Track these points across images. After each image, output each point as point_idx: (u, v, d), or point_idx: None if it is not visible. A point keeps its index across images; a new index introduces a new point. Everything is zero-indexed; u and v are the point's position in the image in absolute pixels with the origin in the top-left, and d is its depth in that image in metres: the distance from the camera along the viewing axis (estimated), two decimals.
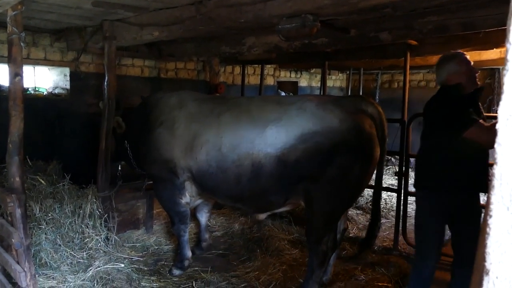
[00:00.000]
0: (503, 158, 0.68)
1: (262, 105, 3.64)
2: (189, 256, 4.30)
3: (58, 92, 5.67)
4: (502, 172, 0.68)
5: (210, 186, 3.77)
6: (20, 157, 3.04)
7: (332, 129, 3.26)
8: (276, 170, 3.37)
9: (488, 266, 0.70)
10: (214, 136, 3.61)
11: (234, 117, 3.61)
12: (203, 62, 7.17)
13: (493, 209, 0.69)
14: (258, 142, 3.39)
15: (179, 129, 3.86)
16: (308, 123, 3.31)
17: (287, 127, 3.35)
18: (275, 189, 3.47)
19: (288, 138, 3.32)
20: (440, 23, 3.53)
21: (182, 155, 3.81)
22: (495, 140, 0.59)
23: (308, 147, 3.27)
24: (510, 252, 0.68)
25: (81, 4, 3.67)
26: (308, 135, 3.28)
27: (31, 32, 5.09)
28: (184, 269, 4.21)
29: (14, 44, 2.94)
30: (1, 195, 2.91)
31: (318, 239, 3.47)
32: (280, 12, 2.94)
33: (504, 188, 0.68)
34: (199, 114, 3.83)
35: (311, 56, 6.01)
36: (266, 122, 3.42)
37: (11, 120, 2.99)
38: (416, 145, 4.93)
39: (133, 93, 6.14)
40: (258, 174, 3.42)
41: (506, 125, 0.67)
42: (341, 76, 10.31)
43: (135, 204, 5.06)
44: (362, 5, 2.64)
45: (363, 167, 3.36)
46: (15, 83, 2.97)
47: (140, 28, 4.10)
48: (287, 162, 3.33)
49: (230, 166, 3.51)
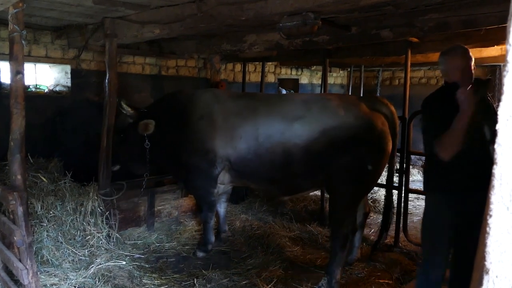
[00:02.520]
0: (503, 158, 0.68)
1: (290, 103, 4.21)
2: (212, 240, 4.71)
3: (59, 90, 5.67)
4: (502, 172, 0.69)
5: (248, 171, 4.25)
6: (22, 155, 3.04)
7: (348, 125, 3.81)
8: (303, 158, 3.91)
9: (488, 265, 0.71)
10: (252, 127, 4.11)
11: (267, 112, 4.12)
12: (204, 60, 7.17)
13: (493, 209, 0.70)
14: (288, 134, 3.95)
15: (219, 121, 4.26)
16: (329, 119, 3.87)
17: (311, 123, 3.91)
18: (303, 174, 4.02)
19: (312, 132, 3.88)
20: (441, 20, 3.53)
21: (222, 144, 4.23)
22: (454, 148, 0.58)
23: (328, 140, 3.82)
24: (510, 252, 0.68)
25: (82, 1, 3.67)
26: (328, 130, 3.83)
27: (32, 30, 5.09)
28: (208, 252, 4.63)
29: (15, 42, 2.94)
30: (3, 193, 2.92)
31: (340, 222, 3.90)
32: (282, 10, 2.93)
33: (504, 188, 0.68)
34: (236, 109, 4.28)
35: (312, 54, 6.01)
36: (293, 118, 3.98)
37: (12, 118, 2.99)
38: (417, 142, 4.98)
39: (134, 90, 6.16)
40: (288, 160, 3.95)
41: (506, 126, 0.68)
42: (342, 73, 10.30)
43: (136, 201, 5.07)
44: (363, 3, 2.64)
45: (376, 159, 3.87)
46: (16, 81, 2.97)
47: (141, 26, 4.10)
48: (311, 152, 3.88)
49: (265, 153, 4.05)
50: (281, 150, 3.97)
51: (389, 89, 9.57)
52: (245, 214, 5.88)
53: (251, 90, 7.44)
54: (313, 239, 5.15)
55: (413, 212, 6.36)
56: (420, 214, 6.42)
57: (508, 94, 0.67)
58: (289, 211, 6.04)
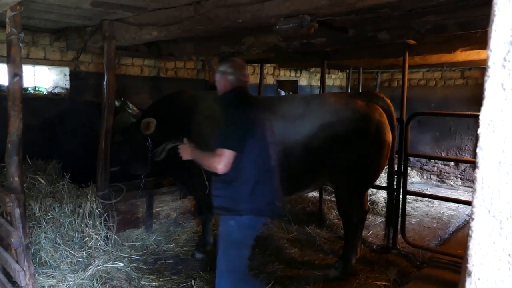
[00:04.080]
0: (484, 162, 0.69)
1: (290, 101, 4.44)
2: (211, 241, 4.74)
3: (57, 92, 5.68)
4: (483, 176, 0.70)
5: None
6: (19, 157, 3.05)
7: (346, 120, 3.94)
8: (302, 155, 4.02)
9: (471, 268, 0.72)
10: None
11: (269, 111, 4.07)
12: (203, 62, 7.17)
13: (475, 212, 0.71)
14: (289, 132, 4.04)
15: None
16: (326, 115, 4.00)
17: (309, 119, 4.04)
18: (302, 172, 4.11)
19: (311, 128, 4.00)
20: (438, 23, 3.54)
21: None
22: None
23: (328, 135, 3.93)
24: (491, 255, 0.69)
25: (80, 4, 3.68)
26: (327, 125, 3.95)
27: (31, 32, 5.10)
28: (206, 253, 4.62)
29: (13, 45, 2.95)
30: (0, 195, 2.93)
31: (348, 213, 4.15)
32: (278, 12, 2.94)
33: (485, 192, 0.69)
34: None
35: (310, 56, 6.02)
36: (292, 115, 4.10)
37: (10, 120, 3.00)
38: (415, 143, 4.95)
39: (133, 92, 6.16)
40: (288, 159, 3.97)
41: (487, 130, 0.69)
42: (341, 75, 10.31)
43: (134, 203, 5.07)
44: (359, 5, 2.65)
45: (377, 150, 3.99)
46: (14, 83, 2.98)
47: (139, 28, 4.11)
48: (311, 148, 3.99)
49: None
50: (283, 148, 3.95)
51: (388, 90, 9.55)
52: None
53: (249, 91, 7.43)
54: (311, 241, 5.15)
55: (411, 214, 6.37)
56: (418, 215, 6.45)
57: (489, 99, 0.68)
58: (288, 212, 6.05)
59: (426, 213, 6.57)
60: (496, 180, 0.68)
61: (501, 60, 0.66)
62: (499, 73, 0.67)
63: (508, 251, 0.68)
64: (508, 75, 0.66)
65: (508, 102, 0.66)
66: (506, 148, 0.66)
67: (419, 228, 5.85)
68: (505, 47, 0.66)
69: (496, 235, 0.69)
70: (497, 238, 0.68)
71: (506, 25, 0.66)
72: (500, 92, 0.67)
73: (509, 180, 0.67)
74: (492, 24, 0.68)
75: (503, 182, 0.67)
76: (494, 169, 0.68)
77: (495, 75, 0.67)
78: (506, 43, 0.66)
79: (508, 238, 0.67)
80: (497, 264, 0.69)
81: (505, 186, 0.67)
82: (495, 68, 0.67)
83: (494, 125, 0.68)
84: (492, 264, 0.69)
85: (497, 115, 0.67)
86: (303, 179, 4.26)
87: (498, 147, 0.67)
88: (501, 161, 0.67)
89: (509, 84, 0.66)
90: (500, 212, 0.68)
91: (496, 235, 0.69)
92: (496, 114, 0.67)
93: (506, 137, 0.66)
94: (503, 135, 0.67)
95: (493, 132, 0.68)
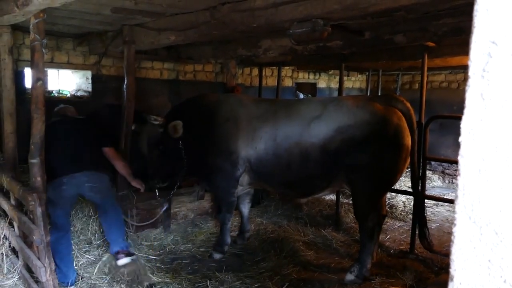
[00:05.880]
0: (465, 169, 0.71)
1: (308, 104, 4.40)
2: (228, 242, 4.79)
3: (80, 95, 5.86)
4: (464, 183, 0.71)
5: (265, 173, 4.38)
6: (41, 158, 3.17)
7: (363, 122, 3.90)
8: (320, 157, 4.03)
9: (453, 273, 0.73)
10: (271, 128, 4.27)
11: (287, 113, 4.28)
12: (221, 64, 7.26)
13: (457, 218, 0.73)
14: (305, 134, 4.07)
15: (243, 124, 4.42)
16: (344, 117, 3.98)
17: (327, 121, 4.02)
18: (319, 174, 4.12)
19: (328, 130, 3.99)
20: (456, 25, 3.50)
21: (244, 146, 4.37)
22: None
23: (345, 138, 3.93)
24: (472, 260, 0.71)
25: (101, 10, 3.80)
26: (344, 128, 3.94)
27: (55, 37, 5.29)
28: (224, 253, 4.69)
29: (36, 50, 3.08)
30: (23, 194, 3.06)
31: (364, 217, 4.11)
32: (291, 16, 2.98)
33: (466, 198, 0.71)
34: (259, 112, 4.46)
35: (328, 58, 6.01)
36: (309, 117, 4.11)
37: (33, 123, 3.13)
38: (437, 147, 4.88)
39: (153, 95, 6.29)
40: (305, 161, 4.07)
41: (468, 138, 0.70)
42: (360, 77, 10.24)
43: (153, 203, 5.17)
44: (372, 9, 2.65)
45: (395, 153, 3.95)
46: (37, 87, 3.11)
47: (157, 33, 4.22)
48: (328, 151, 3.99)
49: (283, 154, 4.17)
50: (299, 150, 4.08)
51: (409, 93, 9.43)
52: (260, 217, 5.92)
53: (267, 94, 7.48)
54: (327, 244, 5.13)
55: (431, 218, 6.26)
56: (438, 220, 6.34)
57: (469, 108, 0.70)
58: (304, 215, 6.05)
59: (447, 218, 6.44)
60: (476, 187, 0.69)
61: (480, 71, 0.68)
62: (479, 83, 0.68)
63: (487, 257, 0.69)
64: (487, 85, 0.67)
65: (487, 112, 0.68)
66: (485, 156, 0.68)
67: (439, 233, 5.74)
68: (484, 58, 0.68)
69: (477, 240, 0.70)
70: (477, 243, 0.70)
71: (484, 37, 0.68)
72: (480, 102, 0.68)
73: (488, 187, 0.68)
74: (472, 36, 0.70)
75: (483, 189, 0.69)
76: (474, 176, 0.70)
77: (475, 85, 0.69)
78: (484, 54, 0.68)
79: (488, 244, 0.69)
80: (477, 269, 0.70)
81: (484, 193, 0.69)
82: (475, 78, 0.69)
83: (474, 133, 0.69)
84: (472, 269, 0.71)
85: (477, 124, 0.69)
86: (319, 181, 4.27)
87: (478, 155, 0.69)
88: (481, 169, 0.69)
89: (488, 94, 0.67)
90: (480, 218, 0.69)
91: (476, 240, 0.70)
92: (476, 123, 0.69)
93: (486, 145, 0.68)
94: (483, 143, 0.68)
95: (473, 140, 0.69)
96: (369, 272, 4.20)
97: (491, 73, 0.67)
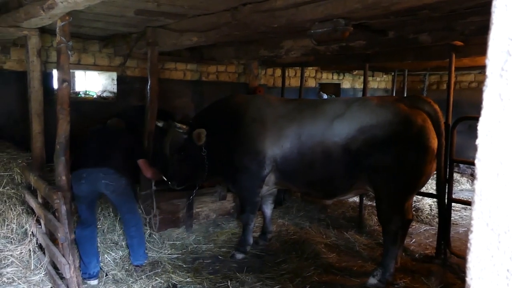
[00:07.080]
0: (482, 173, 0.67)
1: (333, 103, 4.39)
2: (251, 242, 4.80)
3: (106, 95, 5.98)
4: (482, 187, 0.68)
5: (290, 171, 4.39)
6: (66, 157, 3.26)
7: (386, 122, 3.84)
8: (342, 157, 4.01)
9: (469, 282, 0.70)
10: (297, 127, 4.28)
11: (312, 112, 4.30)
12: (243, 65, 7.27)
13: (474, 225, 0.69)
14: (327, 133, 4.06)
15: (269, 123, 4.46)
16: (366, 117, 3.93)
17: (349, 121, 3.99)
18: (341, 175, 4.09)
19: (350, 130, 3.95)
20: (483, 24, 3.38)
21: (270, 145, 4.40)
22: None
23: (367, 138, 3.88)
24: (489, 269, 0.67)
25: (124, 13, 3.87)
26: (366, 127, 3.89)
27: (82, 39, 5.42)
28: (246, 253, 4.70)
29: (62, 53, 3.16)
30: (49, 192, 3.14)
31: (387, 220, 4.03)
32: (312, 16, 2.95)
33: (484, 204, 0.67)
34: (285, 111, 4.49)
35: (351, 58, 5.92)
36: (333, 116, 4.10)
37: (58, 123, 3.22)
38: (465, 149, 4.74)
39: (176, 96, 6.36)
40: (328, 160, 4.07)
41: (485, 141, 0.67)
42: (385, 78, 10.06)
43: (175, 203, 5.23)
44: (394, 8, 2.59)
45: (418, 155, 3.84)
46: (62, 88, 3.19)
47: (180, 34, 4.26)
48: (350, 151, 3.95)
49: (306, 152, 4.18)
50: (321, 149, 4.09)
51: (436, 93, 9.21)
52: (282, 218, 5.89)
53: (290, 95, 7.43)
54: (349, 247, 5.06)
55: (458, 222, 6.08)
56: (466, 225, 6.13)
57: (487, 110, 0.66)
58: (327, 217, 5.98)
59: None
60: (494, 192, 0.66)
61: (499, 70, 0.64)
62: (497, 83, 0.65)
63: (506, 266, 0.65)
64: (505, 85, 0.64)
65: (506, 113, 0.64)
66: (503, 159, 0.64)
67: (466, 238, 5.49)
68: (502, 57, 0.64)
69: (494, 249, 0.66)
70: (495, 252, 0.66)
71: (503, 34, 0.64)
72: (498, 102, 0.65)
73: (507, 192, 0.64)
74: (490, 33, 0.66)
75: (501, 194, 0.65)
76: (492, 181, 0.66)
77: (493, 85, 0.65)
78: (503, 52, 0.64)
79: (506, 253, 0.65)
80: (495, 279, 0.67)
81: (502, 198, 0.65)
82: (493, 78, 0.65)
83: (492, 136, 0.66)
84: (490, 278, 0.67)
85: (495, 125, 0.65)
86: (342, 182, 4.20)
87: (496, 159, 0.65)
88: (499, 173, 0.65)
89: (507, 94, 0.64)
90: (498, 225, 0.66)
91: (494, 249, 0.66)
92: (494, 124, 0.65)
93: (504, 148, 0.64)
94: (501, 146, 0.65)
95: (491, 143, 0.66)
96: (392, 277, 4.10)
97: (510, 72, 0.63)
